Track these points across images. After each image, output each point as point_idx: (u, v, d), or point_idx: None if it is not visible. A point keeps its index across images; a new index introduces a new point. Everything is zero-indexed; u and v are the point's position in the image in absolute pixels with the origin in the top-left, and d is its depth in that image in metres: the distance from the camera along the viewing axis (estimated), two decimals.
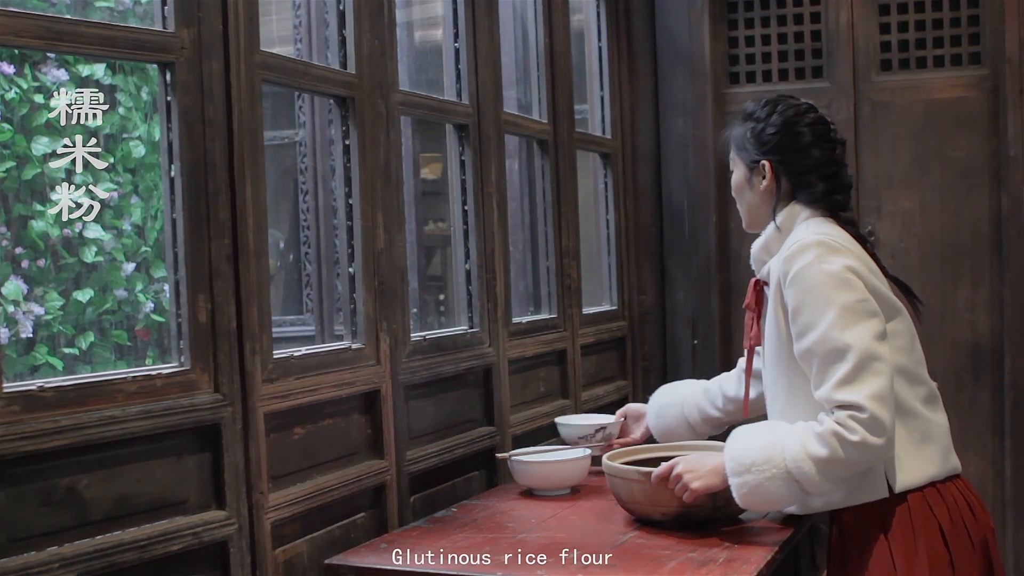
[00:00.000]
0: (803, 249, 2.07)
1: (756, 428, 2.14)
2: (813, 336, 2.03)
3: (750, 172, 2.26)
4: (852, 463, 2.01)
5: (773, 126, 2.22)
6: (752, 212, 2.29)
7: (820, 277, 2.04)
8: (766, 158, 2.22)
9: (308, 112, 3.71)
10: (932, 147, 3.82)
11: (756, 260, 2.28)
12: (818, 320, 2.03)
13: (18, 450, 1.65)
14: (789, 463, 2.03)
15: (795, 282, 2.07)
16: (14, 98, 3.05)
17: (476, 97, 3.00)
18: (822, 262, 2.05)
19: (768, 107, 2.26)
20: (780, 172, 2.22)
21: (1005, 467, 3.74)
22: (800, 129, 2.22)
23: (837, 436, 1.97)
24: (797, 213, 2.20)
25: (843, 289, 2.03)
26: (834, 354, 2.00)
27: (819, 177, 2.21)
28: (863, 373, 1.98)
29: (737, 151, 2.30)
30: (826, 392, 2.01)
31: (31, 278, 3.09)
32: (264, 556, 2.08)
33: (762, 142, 2.23)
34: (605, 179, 4.01)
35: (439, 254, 4.31)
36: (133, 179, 3.32)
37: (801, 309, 2.06)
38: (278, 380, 2.16)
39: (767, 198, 2.24)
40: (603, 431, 2.79)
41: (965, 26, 3.83)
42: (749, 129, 2.26)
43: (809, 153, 2.21)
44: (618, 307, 4.00)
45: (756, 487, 2.07)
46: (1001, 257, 3.74)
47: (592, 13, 4.02)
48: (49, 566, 1.67)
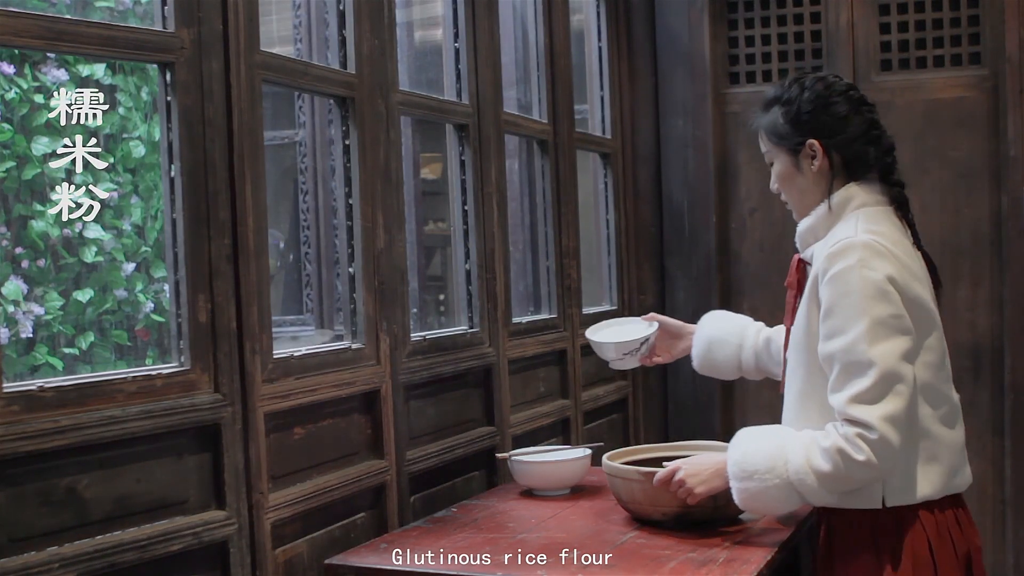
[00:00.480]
0: (848, 249, 2.01)
1: (761, 433, 2.12)
2: (839, 342, 1.99)
3: (796, 156, 2.16)
4: (854, 480, 1.99)
5: (809, 103, 2.14)
6: (805, 197, 2.18)
7: (859, 283, 1.98)
8: (812, 137, 2.14)
9: (308, 112, 3.70)
10: (932, 147, 3.82)
11: (802, 240, 2.19)
12: (848, 327, 1.97)
13: (18, 450, 1.65)
14: (792, 475, 2.01)
15: (833, 282, 2.01)
16: (14, 98, 3.05)
17: (476, 97, 3.00)
18: (864, 267, 1.99)
19: (795, 86, 2.17)
20: (830, 148, 2.14)
21: (1005, 467, 3.74)
22: (834, 99, 2.14)
23: (842, 453, 1.95)
24: (852, 196, 2.12)
25: (879, 301, 1.97)
26: (856, 367, 1.96)
27: (867, 142, 2.15)
28: (882, 393, 1.94)
29: (774, 140, 2.19)
30: (840, 402, 1.97)
31: (31, 278, 3.08)
32: (264, 556, 2.08)
33: (801, 122, 2.14)
34: (605, 179, 4.01)
35: (439, 254, 4.31)
36: (133, 179, 3.32)
37: (833, 311, 2.00)
38: (278, 380, 2.16)
39: (820, 179, 2.15)
40: (647, 343, 2.58)
41: (965, 26, 3.83)
42: (781, 114, 2.17)
43: (851, 121, 2.14)
44: (618, 307, 4.00)
45: (757, 494, 2.06)
46: (1001, 257, 3.74)
47: (592, 13, 4.02)
48: (49, 566, 1.67)
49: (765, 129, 2.21)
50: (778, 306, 2.56)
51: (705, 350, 2.59)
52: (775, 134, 2.19)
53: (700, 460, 2.22)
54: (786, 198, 2.24)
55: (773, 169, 2.22)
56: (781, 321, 2.51)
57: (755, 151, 3.89)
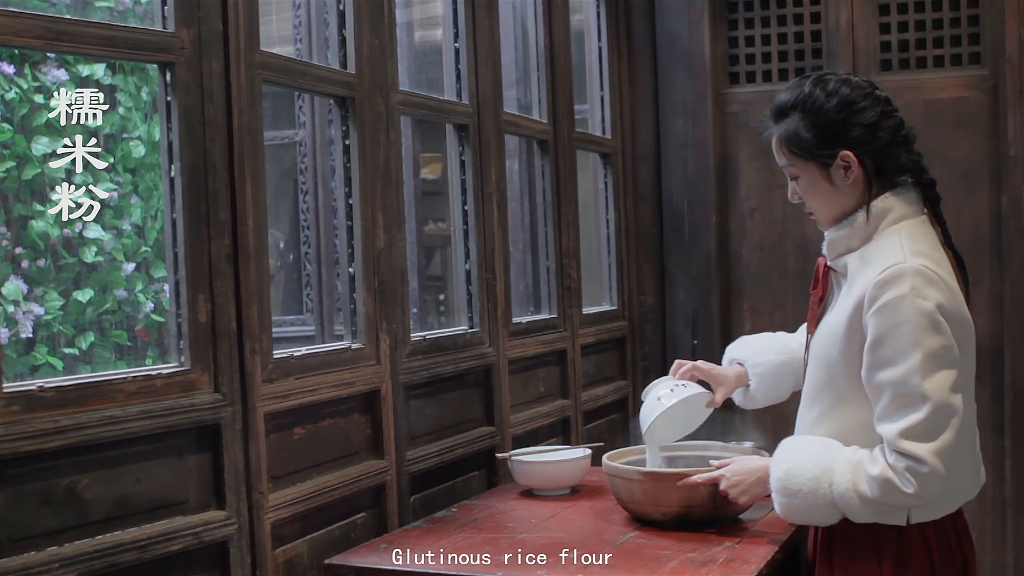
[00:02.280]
0: (899, 277, 1.92)
1: (806, 446, 2.04)
2: (892, 374, 1.92)
3: (827, 169, 2.02)
4: (898, 507, 1.98)
5: (835, 111, 2.01)
6: (835, 207, 2.05)
7: (912, 315, 1.90)
8: (844, 148, 2.00)
9: (308, 112, 3.70)
10: (932, 147, 3.80)
11: (833, 248, 2.07)
12: (901, 359, 1.90)
13: (18, 450, 1.65)
14: (836, 498, 1.97)
15: (884, 311, 1.92)
16: (14, 98, 3.05)
17: (476, 97, 3.00)
18: (917, 296, 1.90)
19: (817, 91, 2.03)
20: (862, 156, 2.01)
21: (1005, 467, 3.74)
22: (863, 104, 2.02)
23: (890, 484, 1.92)
24: (889, 208, 2.02)
25: (932, 333, 1.90)
26: (909, 399, 1.91)
27: (898, 144, 2.05)
28: (935, 427, 1.90)
29: (797, 151, 2.04)
30: (891, 434, 1.92)
31: (31, 278, 3.08)
32: (264, 556, 2.08)
33: (831, 133, 2.01)
34: (605, 179, 4.01)
35: (439, 254, 4.31)
36: (133, 179, 3.32)
37: (885, 341, 1.92)
38: (278, 380, 2.16)
39: (855, 189, 2.03)
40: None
41: (965, 26, 3.82)
42: (805, 125, 2.02)
43: (882, 126, 2.02)
44: (618, 307, 4.00)
45: (799, 511, 2.03)
46: (1001, 257, 3.74)
47: (592, 13, 4.02)
48: (49, 566, 1.67)
49: (786, 140, 2.05)
50: (777, 305, 2.57)
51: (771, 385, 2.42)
52: (799, 146, 2.04)
53: (741, 468, 2.18)
54: (811, 208, 2.10)
55: (797, 182, 2.08)
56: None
57: (755, 151, 3.91)
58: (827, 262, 2.11)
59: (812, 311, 2.15)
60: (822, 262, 2.12)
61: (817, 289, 2.12)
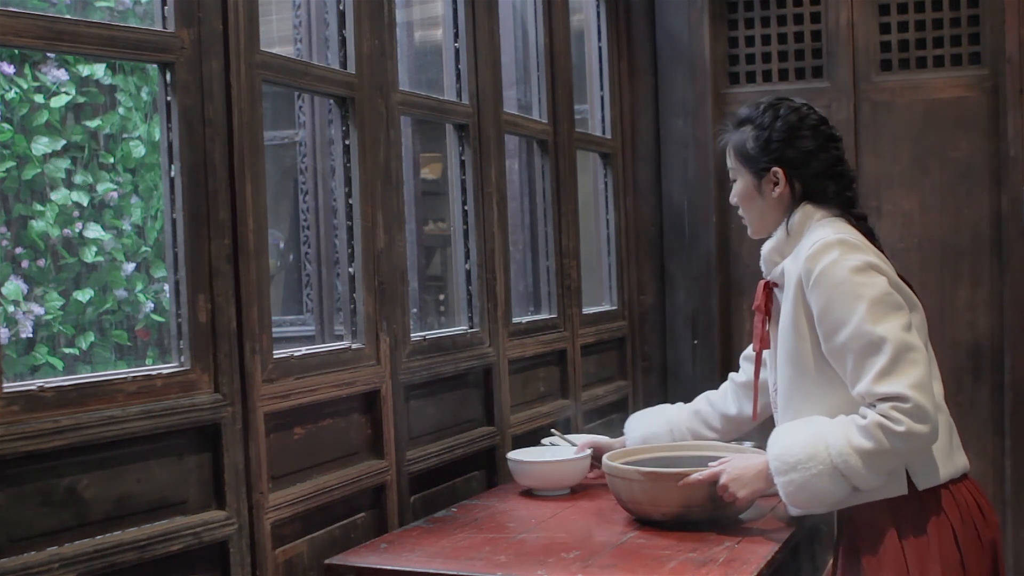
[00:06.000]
0: (825, 248, 2.07)
1: (796, 426, 2.12)
2: (846, 332, 2.03)
3: (759, 180, 2.24)
4: (899, 453, 2.00)
5: (779, 132, 2.21)
6: (763, 218, 2.27)
7: (846, 273, 2.04)
8: (777, 165, 2.21)
9: (308, 112, 3.70)
10: (932, 147, 3.82)
11: (767, 261, 2.28)
12: (849, 316, 2.03)
13: (18, 450, 1.65)
14: (835, 458, 2.01)
15: (821, 280, 2.07)
16: (14, 98, 3.05)
17: (476, 97, 3.00)
18: (845, 258, 2.05)
19: (769, 112, 2.23)
20: (792, 177, 2.21)
21: (1005, 467, 3.74)
22: (804, 133, 2.21)
23: (882, 428, 1.97)
24: (810, 214, 2.20)
25: (869, 283, 2.04)
26: (870, 347, 2.00)
27: (829, 178, 2.22)
28: (901, 364, 1.98)
29: (740, 159, 2.26)
30: (865, 386, 2.00)
31: (31, 278, 3.09)
32: (264, 556, 2.08)
33: (769, 150, 2.21)
34: (605, 179, 4.01)
35: (439, 254, 4.31)
36: (133, 179, 3.32)
37: (830, 307, 2.06)
38: (278, 380, 2.16)
39: (780, 204, 2.23)
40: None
41: (965, 26, 3.83)
42: (751, 137, 2.24)
43: (817, 156, 2.21)
44: (618, 307, 4.00)
45: (803, 484, 2.05)
46: (1001, 257, 3.74)
47: (592, 13, 4.02)
48: (49, 566, 1.67)
49: (734, 147, 2.28)
50: None
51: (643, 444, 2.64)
52: (742, 155, 2.26)
53: (740, 464, 2.21)
54: (743, 214, 2.31)
55: (735, 186, 2.30)
56: None
57: None
58: (766, 278, 2.28)
59: (758, 328, 2.29)
60: (762, 282, 2.30)
61: (760, 306, 2.28)
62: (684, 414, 2.64)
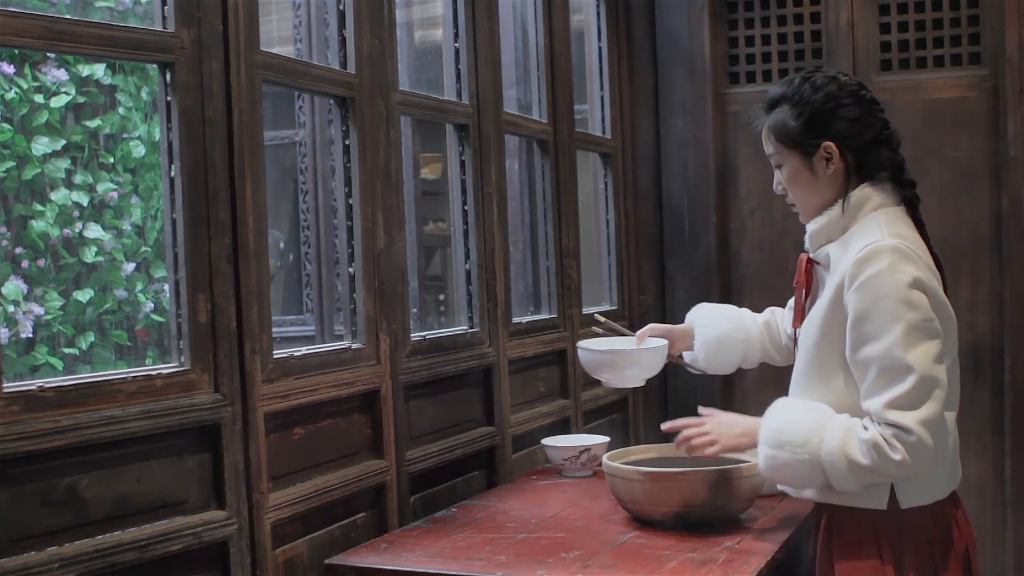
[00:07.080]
0: (877, 253, 1.98)
1: (801, 407, 2.08)
2: (875, 348, 1.96)
3: (809, 159, 2.10)
4: (885, 476, 1.99)
5: (821, 104, 2.08)
6: (816, 198, 2.13)
7: (891, 288, 1.95)
8: (827, 139, 2.08)
9: (308, 112, 3.70)
10: (932, 147, 3.82)
11: (814, 240, 2.15)
12: (883, 333, 1.95)
13: (18, 450, 1.65)
14: (823, 455, 1.99)
15: (864, 288, 1.97)
16: (14, 98, 3.05)
17: (476, 97, 3.00)
18: (895, 271, 1.96)
19: (806, 86, 2.11)
20: (844, 150, 2.09)
21: (1005, 467, 3.74)
22: (846, 101, 2.09)
23: (878, 449, 1.94)
24: (868, 197, 2.09)
25: (912, 306, 1.96)
26: (894, 372, 1.94)
27: (881, 143, 2.11)
28: (919, 398, 1.93)
29: (783, 141, 2.12)
30: (877, 407, 1.96)
31: (31, 278, 3.09)
32: (264, 556, 2.08)
33: (815, 123, 2.09)
34: (605, 179, 4.01)
35: (439, 254, 4.32)
36: (133, 179, 3.32)
37: (867, 318, 1.97)
38: (278, 380, 2.17)
39: (835, 180, 2.10)
40: (587, 452, 2.80)
41: (965, 26, 3.82)
42: (792, 115, 2.11)
43: (866, 123, 2.10)
44: (618, 307, 4.00)
45: (784, 463, 2.03)
46: (1001, 257, 3.74)
47: (592, 13, 4.02)
48: (49, 566, 1.67)
49: (773, 130, 2.14)
50: (777, 305, 2.57)
51: (714, 352, 2.55)
52: (785, 135, 2.12)
53: (731, 417, 2.20)
54: (793, 199, 2.18)
55: (782, 171, 2.16)
56: None
57: (755, 151, 3.91)
58: (810, 255, 2.18)
59: (797, 304, 2.21)
60: (804, 257, 2.19)
61: (801, 282, 2.19)
62: (764, 331, 2.53)
